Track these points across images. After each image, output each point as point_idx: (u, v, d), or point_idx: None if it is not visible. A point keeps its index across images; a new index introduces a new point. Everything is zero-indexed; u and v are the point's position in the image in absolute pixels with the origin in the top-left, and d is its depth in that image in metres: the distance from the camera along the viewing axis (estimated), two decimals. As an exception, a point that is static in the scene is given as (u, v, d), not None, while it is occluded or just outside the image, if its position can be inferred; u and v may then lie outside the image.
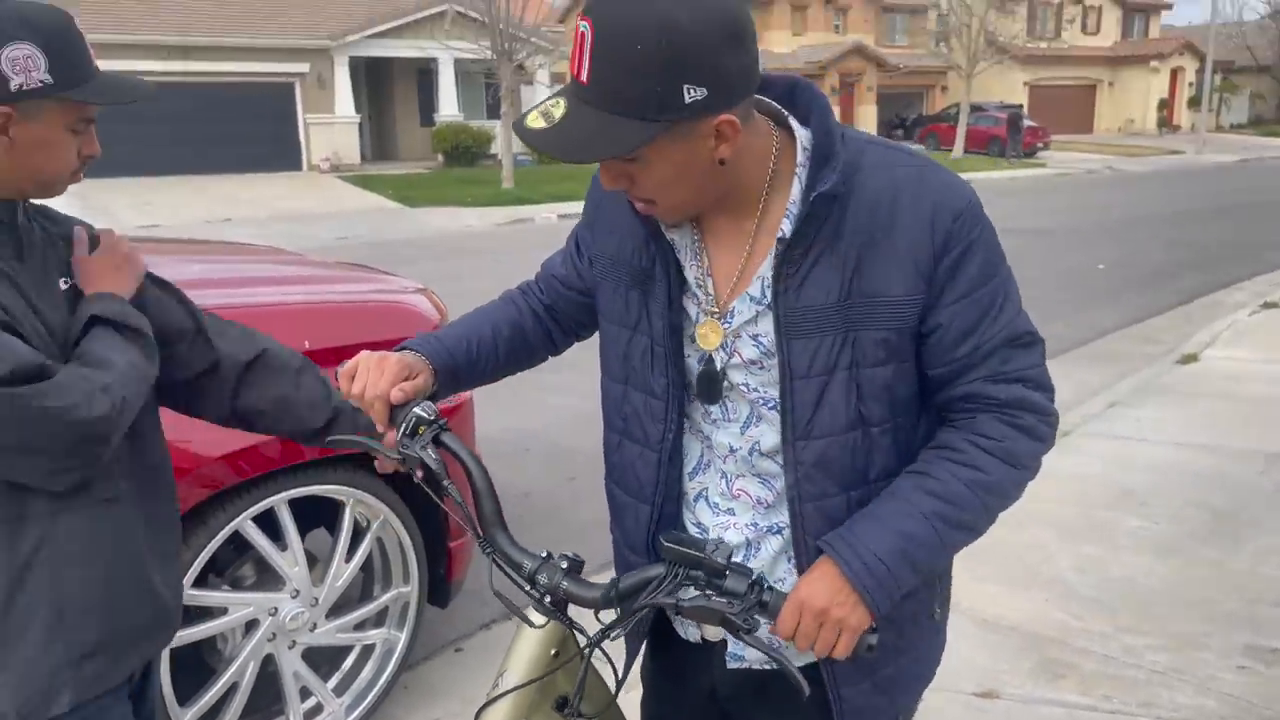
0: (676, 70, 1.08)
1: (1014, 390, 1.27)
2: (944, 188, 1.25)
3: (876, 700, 1.41)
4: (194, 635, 2.57)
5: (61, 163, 1.48)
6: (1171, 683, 2.99)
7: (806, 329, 1.25)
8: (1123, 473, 4.82)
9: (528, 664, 1.38)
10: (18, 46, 1.38)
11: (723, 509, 1.40)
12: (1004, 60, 31.68)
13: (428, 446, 1.36)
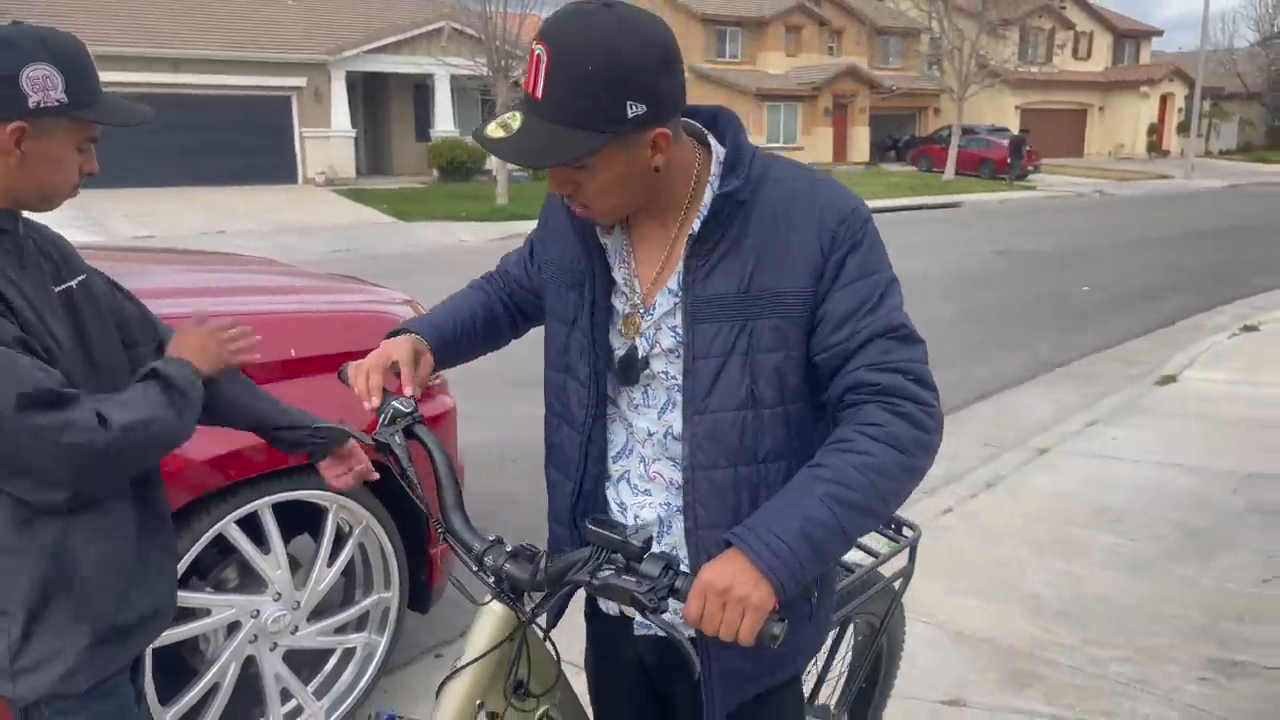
0: (621, 89, 1.25)
1: (894, 379, 1.36)
2: (834, 196, 1.42)
3: (743, 666, 1.52)
4: (177, 635, 2.62)
5: (66, 178, 1.57)
6: (1135, 693, 3.06)
7: (709, 315, 1.41)
8: (1099, 491, 4.89)
9: (483, 644, 1.46)
10: (37, 67, 1.48)
11: (640, 489, 1.54)
12: (995, 84, 31.98)
13: (397, 434, 1.53)
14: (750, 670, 1.53)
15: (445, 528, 1.49)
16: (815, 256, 1.39)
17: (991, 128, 35.91)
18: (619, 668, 1.72)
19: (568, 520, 1.59)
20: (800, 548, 1.28)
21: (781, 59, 38.05)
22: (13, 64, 1.46)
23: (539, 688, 1.55)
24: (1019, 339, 8.96)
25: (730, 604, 1.24)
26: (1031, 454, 5.54)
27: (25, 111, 1.48)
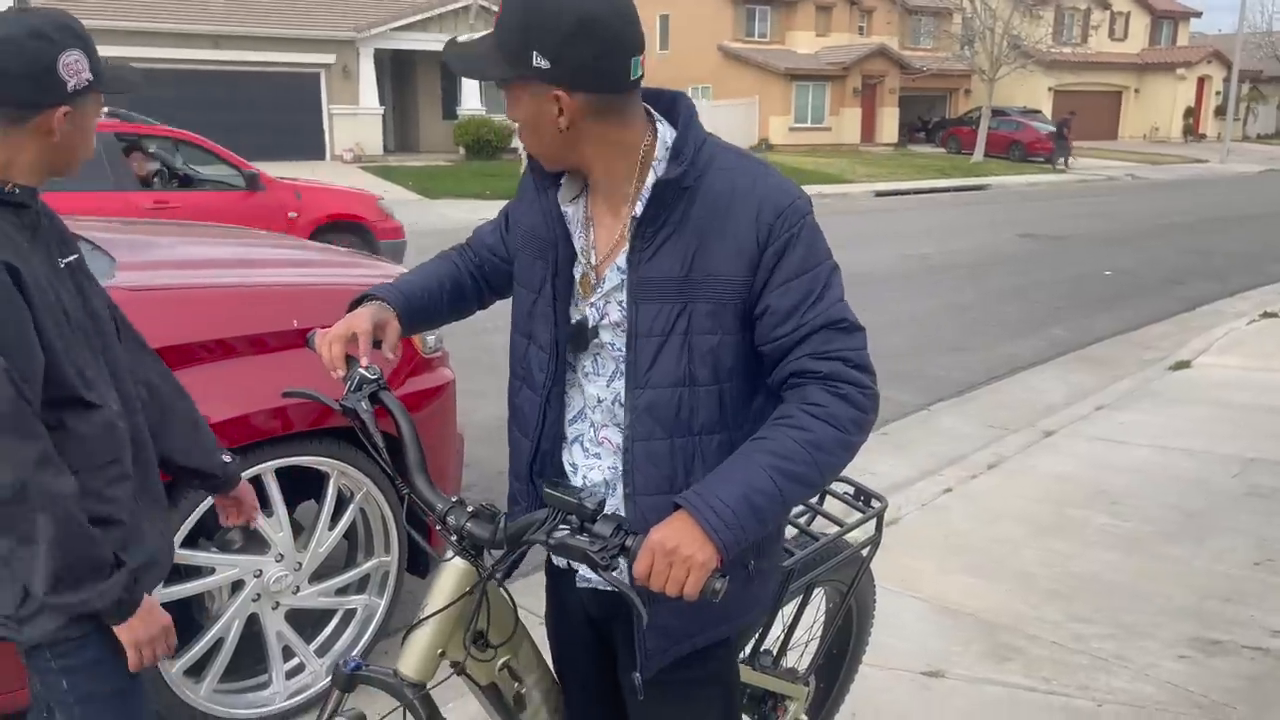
0: (527, 37, 1.38)
1: (834, 366, 1.46)
2: (773, 189, 1.48)
3: (674, 623, 1.59)
4: (183, 592, 2.75)
5: (92, 144, 1.73)
6: (1112, 668, 3.12)
7: (651, 296, 1.48)
8: (1100, 473, 4.93)
9: (445, 597, 1.56)
10: (69, 53, 1.61)
11: (591, 452, 1.64)
12: (1028, 65, 31.54)
13: (364, 400, 1.64)
14: (681, 627, 1.61)
15: (410, 488, 1.60)
16: (751, 246, 1.45)
17: (1023, 110, 35.48)
18: (568, 617, 1.82)
19: (525, 477, 1.68)
20: (742, 512, 1.37)
21: (811, 38, 37.74)
22: (50, 54, 1.59)
23: (497, 638, 1.64)
24: (1037, 322, 8.95)
25: (677, 563, 1.34)
26: (1038, 436, 5.57)
27: (66, 96, 1.62)
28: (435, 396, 3.24)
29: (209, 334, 2.73)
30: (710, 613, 1.60)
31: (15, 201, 1.64)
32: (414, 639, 1.56)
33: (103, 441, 1.72)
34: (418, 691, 1.56)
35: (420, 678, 1.57)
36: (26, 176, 1.66)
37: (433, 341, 3.35)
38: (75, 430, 1.67)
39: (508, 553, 1.53)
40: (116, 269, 2.82)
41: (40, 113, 1.61)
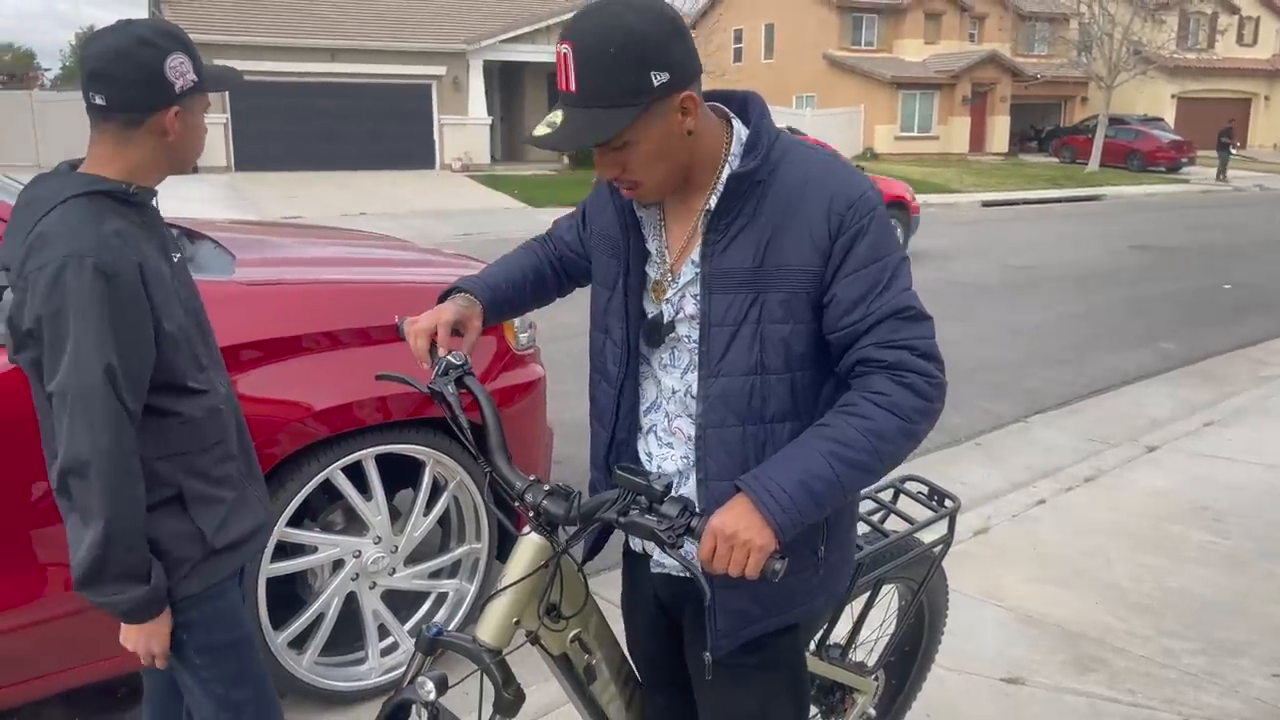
0: (642, 62, 1.39)
1: (900, 355, 1.49)
2: (844, 181, 1.53)
3: (745, 606, 1.65)
4: (288, 568, 2.94)
5: (203, 142, 1.86)
6: (1201, 684, 3.05)
7: (724, 286, 1.54)
8: (1203, 489, 4.78)
9: (521, 570, 1.66)
10: (174, 56, 1.74)
11: (664, 442, 1.70)
12: (1148, 71, 30.39)
13: (450, 385, 1.74)
14: (752, 611, 1.66)
15: (491, 467, 1.70)
16: (823, 237, 1.50)
17: (1144, 117, 34.21)
18: (641, 600, 1.90)
19: (603, 465, 1.77)
20: (800, 497, 1.43)
21: (919, 46, 37.13)
22: (158, 59, 1.73)
23: (569, 610, 1.74)
24: (1146, 336, 8.66)
25: (737, 546, 1.41)
26: (1139, 451, 5.43)
27: (174, 97, 1.75)
28: (527, 391, 3.37)
29: (317, 327, 2.91)
30: (780, 598, 1.66)
31: (137, 202, 1.80)
32: (491, 608, 1.66)
33: (211, 424, 1.89)
34: (494, 657, 1.66)
35: (497, 644, 1.67)
36: (145, 177, 1.80)
37: (525, 339, 3.49)
38: (188, 414, 1.83)
39: (581, 529, 1.61)
40: (235, 265, 3.03)
41: (153, 115, 1.74)
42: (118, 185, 1.75)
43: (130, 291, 1.68)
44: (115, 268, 1.66)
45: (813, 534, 1.64)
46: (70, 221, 1.67)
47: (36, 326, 1.65)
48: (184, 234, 3.53)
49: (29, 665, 2.51)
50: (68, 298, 1.62)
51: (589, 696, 1.86)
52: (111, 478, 1.64)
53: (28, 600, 2.46)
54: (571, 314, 10.04)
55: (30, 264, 1.65)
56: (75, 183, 1.73)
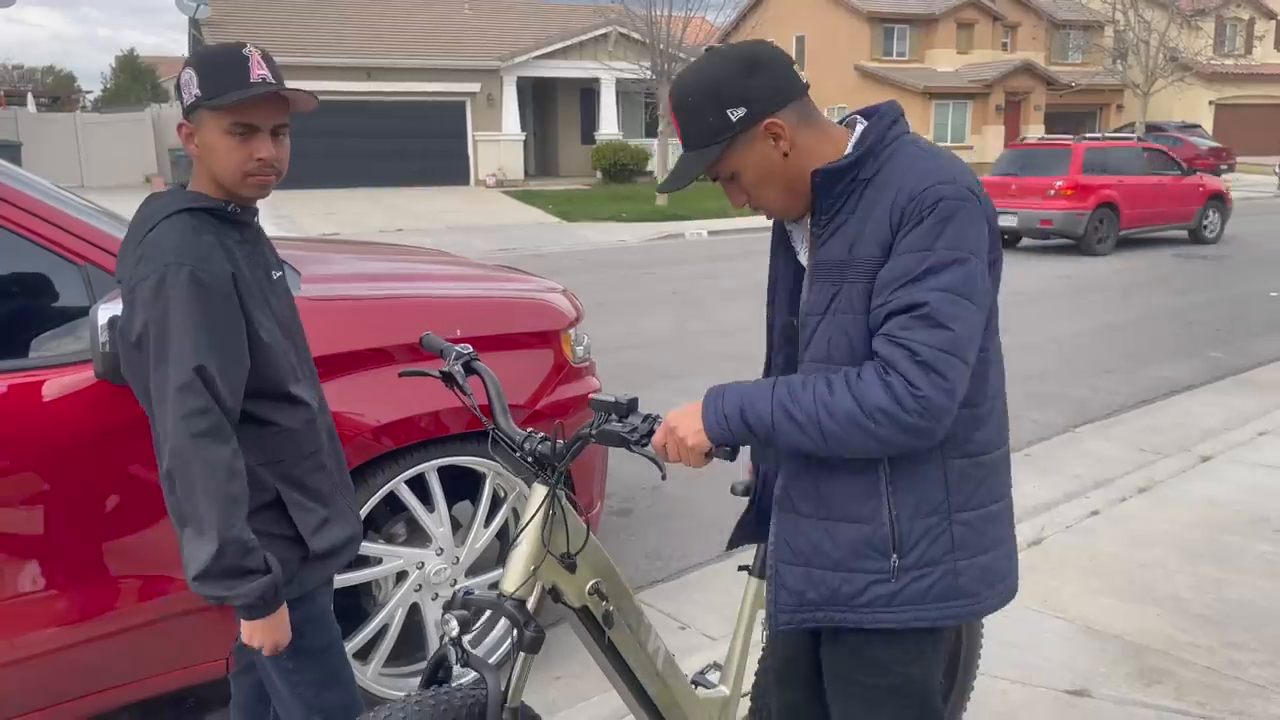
0: (717, 102, 1.57)
1: (895, 353, 1.50)
2: (920, 175, 1.54)
3: (801, 587, 1.72)
4: (354, 579, 2.98)
5: (227, 163, 1.80)
6: (1269, 695, 3.01)
7: (818, 277, 1.63)
8: (1261, 499, 4.71)
9: (527, 516, 1.84)
10: (184, 71, 1.81)
11: None
12: (1185, 78, 30.04)
13: (458, 366, 2.06)
14: (809, 594, 1.71)
15: (495, 426, 1.92)
16: (887, 230, 1.54)
17: (1181, 124, 33.80)
18: None
19: None
20: (734, 417, 1.59)
21: (952, 56, 36.99)
22: (181, 74, 1.84)
23: (574, 547, 1.87)
24: (1193, 345, 8.56)
25: (673, 437, 1.65)
26: (1193, 461, 5.35)
27: (185, 110, 1.83)
28: (584, 403, 3.40)
29: (380, 341, 2.95)
30: (843, 593, 1.67)
31: (236, 219, 1.87)
32: (511, 560, 1.80)
33: (306, 435, 1.95)
34: (517, 604, 1.78)
35: (516, 591, 1.79)
36: (212, 191, 1.85)
37: (581, 352, 3.52)
38: (285, 424, 1.89)
39: (566, 459, 1.82)
40: (301, 282, 3.09)
41: (182, 129, 1.87)
42: (218, 203, 1.83)
43: (223, 298, 1.76)
44: (209, 275, 1.74)
45: (881, 539, 1.64)
46: (171, 234, 1.76)
47: (144, 333, 1.73)
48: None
49: (105, 675, 2.56)
50: (169, 304, 1.70)
51: (610, 647, 1.98)
52: (213, 475, 1.69)
53: (104, 610, 2.51)
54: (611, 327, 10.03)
55: (135, 276, 1.75)
56: (179, 199, 1.82)
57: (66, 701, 2.50)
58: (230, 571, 1.70)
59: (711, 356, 8.13)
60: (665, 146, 22.62)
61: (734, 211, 21.01)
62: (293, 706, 1.96)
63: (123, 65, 65.69)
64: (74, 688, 2.50)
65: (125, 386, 2.32)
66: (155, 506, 2.53)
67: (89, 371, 2.32)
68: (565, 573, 1.86)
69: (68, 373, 2.39)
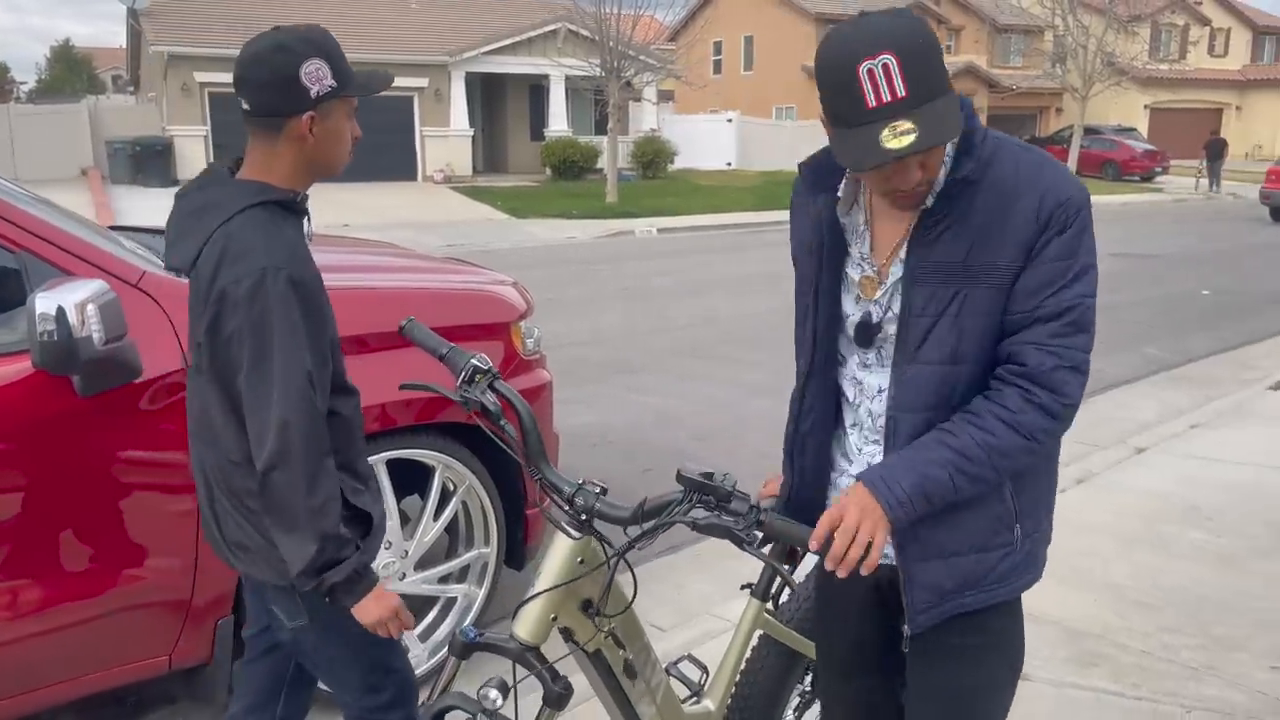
0: (942, 58, 1.46)
1: (1048, 361, 1.53)
2: (1057, 180, 1.56)
3: (941, 581, 1.67)
4: (300, 573, 2.95)
5: (346, 147, 1.89)
6: (1202, 677, 3.11)
7: (928, 279, 1.58)
8: (1193, 490, 4.86)
9: (558, 569, 1.68)
10: (310, 62, 1.78)
11: (872, 439, 1.73)
12: (1122, 82, 30.79)
13: (486, 391, 1.73)
14: (946, 585, 1.67)
15: (537, 473, 1.72)
16: (1031, 234, 1.53)
17: (1118, 127, 34.62)
18: (852, 583, 1.82)
19: (787, 454, 1.84)
20: (917, 499, 1.53)
21: (897, 58, 37.45)
22: (293, 64, 1.77)
23: (614, 609, 1.76)
24: (1129, 341, 8.78)
25: (861, 532, 1.49)
26: (1129, 453, 5.51)
27: (311, 102, 1.79)
28: (535, 396, 3.40)
29: (329, 333, 2.92)
30: (977, 574, 1.68)
31: (300, 210, 1.88)
32: (530, 605, 1.69)
33: (357, 420, 2.00)
34: (538, 655, 1.69)
35: (535, 640, 1.69)
36: (291, 181, 1.85)
37: (531, 344, 3.52)
38: (342, 413, 1.92)
39: (646, 530, 1.64)
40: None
41: (290, 120, 1.79)
42: (287, 194, 1.83)
43: (315, 300, 1.80)
44: (304, 278, 1.77)
45: (1006, 514, 1.68)
46: (256, 233, 1.75)
47: (237, 336, 1.73)
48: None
49: (40, 673, 2.51)
50: (270, 308, 1.71)
51: (621, 693, 1.88)
52: (317, 477, 1.75)
53: (39, 607, 2.45)
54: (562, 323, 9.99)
55: (225, 277, 1.73)
56: (248, 191, 1.80)
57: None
58: (329, 564, 1.77)
59: (662, 352, 8.17)
60: (615, 144, 22.62)
61: (683, 209, 21.09)
62: (351, 667, 2.01)
63: (58, 56, 63.98)
64: (6, 687, 2.44)
65: (64, 377, 2.29)
66: (93, 499, 2.49)
67: (26, 361, 2.27)
68: (582, 616, 1.76)
69: (4, 363, 2.34)
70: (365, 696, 2.05)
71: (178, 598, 2.66)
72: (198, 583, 2.68)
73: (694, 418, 6.31)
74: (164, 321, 2.59)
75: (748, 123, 32.90)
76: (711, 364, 7.77)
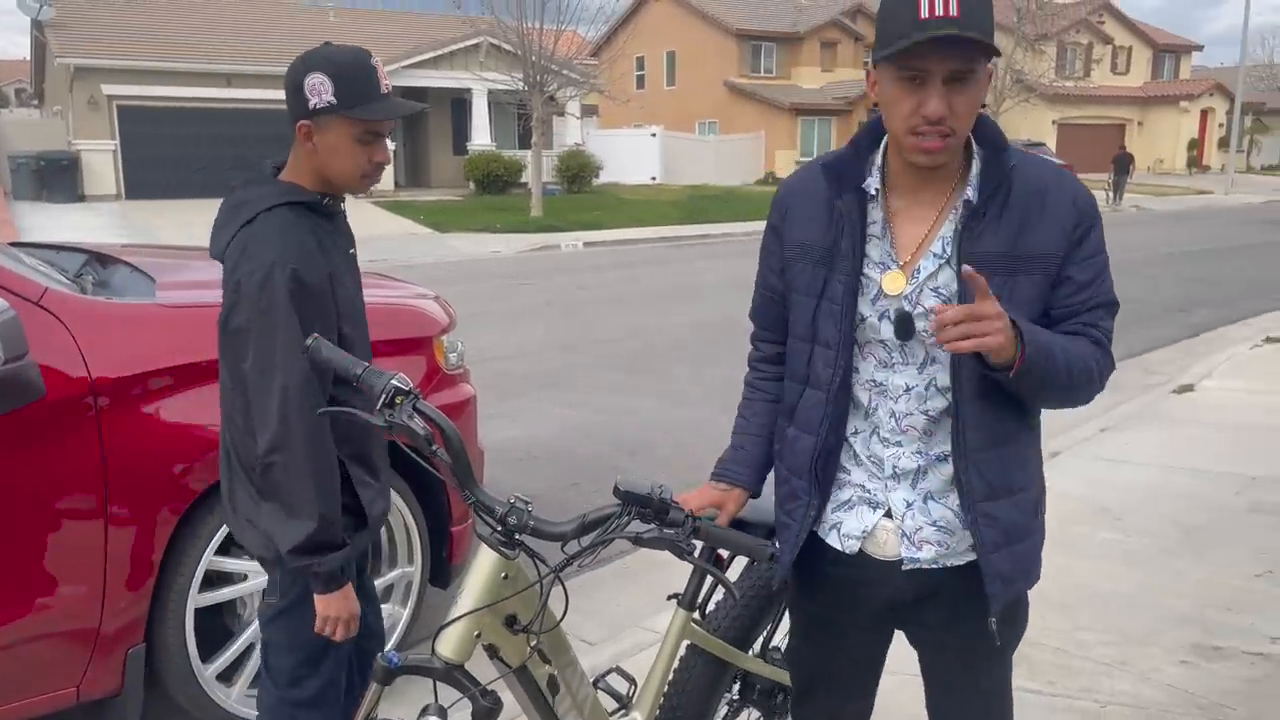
0: (992, 19, 1.54)
1: (1100, 338, 1.70)
2: (1077, 183, 1.71)
3: (1007, 568, 1.72)
4: (216, 598, 2.86)
5: (349, 164, 1.98)
6: (1114, 673, 3.21)
7: (979, 270, 1.58)
8: (1103, 491, 5.02)
9: (482, 587, 1.66)
10: (314, 75, 1.93)
11: (892, 442, 1.74)
12: (1031, 98, 31.83)
13: (413, 416, 1.63)
14: (1011, 571, 1.73)
15: (470, 496, 1.67)
16: (1069, 228, 1.65)
17: (1028, 141, 35.74)
18: (865, 604, 1.84)
19: (808, 471, 1.79)
20: (1043, 351, 1.58)
21: (817, 74, 38.21)
22: (300, 74, 1.95)
23: (545, 627, 1.74)
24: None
25: (991, 321, 1.49)
26: (1044, 457, 5.66)
27: (308, 112, 1.94)
28: (459, 411, 3.37)
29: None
30: (1030, 558, 1.76)
31: (328, 210, 2.02)
32: (453, 624, 1.65)
33: None
34: (465, 673, 1.66)
35: (460, 659, 1.66)
36: (314, 184, 2.01)
37: (454, 358, 3.48)
38: (353, 403, 1.95)
39: (585, 548, 1.63)
40: (156, 289, 2.96)
41: (295, 125, 1.96)
42: (314, 197, 2.00)
43: (321, 296, 1.92)
44: (310, 275, 1.90)
45: (1037, 497, 1.79)
46: (273, 231, 1.91)
47: (244, 325, 1.89)
48: (96, 259, 3.43)
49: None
50: (274, 301, 1.86)
51: (548, 708, 1.86)
52: (314, 461, 1.88)
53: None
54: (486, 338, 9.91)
55: (241, 270, 1.89)
56: (276, 191, 1.98)
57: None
58: (321, 546, 1.91)
59: (588, 365, 8.16)
60: (539, 158, 22.59)
61: (609, 223, 21.13)
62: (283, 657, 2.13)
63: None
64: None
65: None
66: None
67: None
68: (507, 632, 1.73)
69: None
70: (288, 688, 2.13)
71: (85, 626, 2.57)
72: (106, 610, 2.59)
73: (621, 430, 6.31)
74: (68, 340, 2.51)
75: (672, 137, 33.16)
76: (638, 376, 7.79)
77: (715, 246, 18.45)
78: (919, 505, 1.73)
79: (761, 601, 2.25)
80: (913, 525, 1.73)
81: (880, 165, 1.71)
